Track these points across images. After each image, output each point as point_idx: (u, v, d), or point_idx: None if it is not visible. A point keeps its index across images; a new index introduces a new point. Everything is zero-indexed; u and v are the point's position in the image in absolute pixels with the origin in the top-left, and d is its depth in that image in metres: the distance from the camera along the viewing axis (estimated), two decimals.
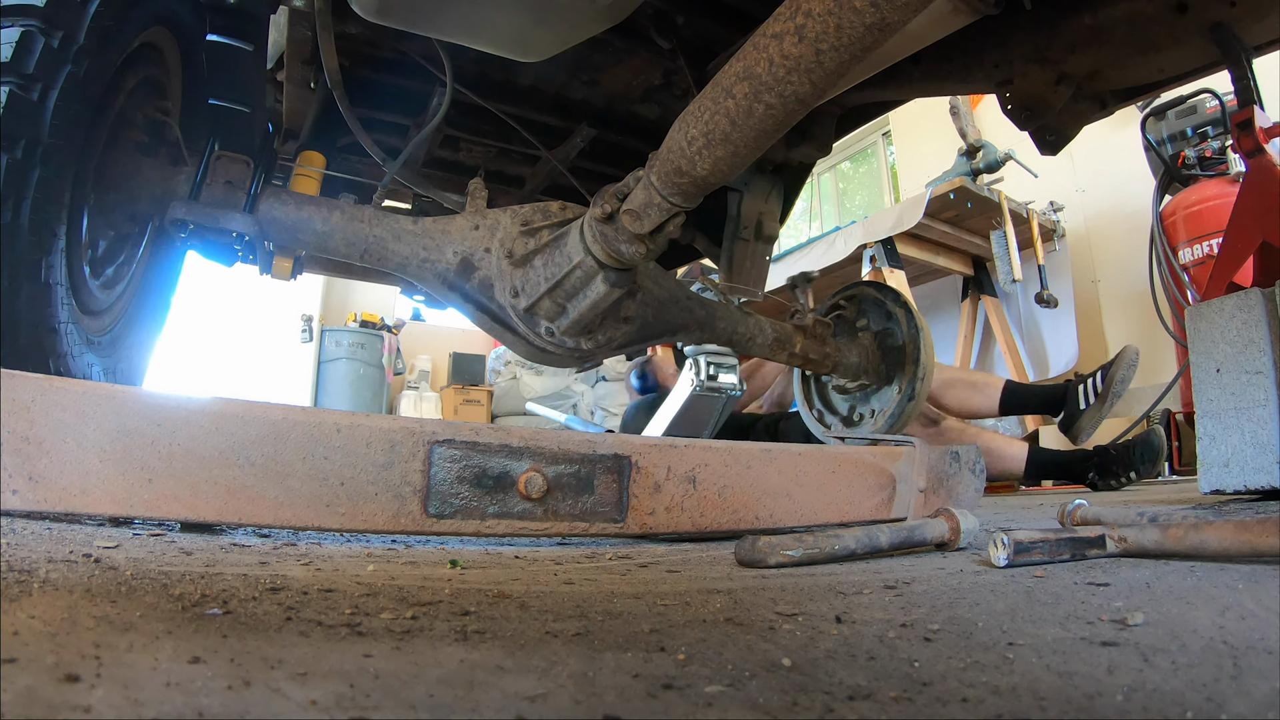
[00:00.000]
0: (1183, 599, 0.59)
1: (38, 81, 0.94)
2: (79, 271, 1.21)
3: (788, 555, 0.80)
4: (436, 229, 1.34)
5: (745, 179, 2.24)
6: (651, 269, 1.46)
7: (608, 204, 1.06)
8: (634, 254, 1.08)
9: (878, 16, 0.71)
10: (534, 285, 1.25)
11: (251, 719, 0.30)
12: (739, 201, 2.24)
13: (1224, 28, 1.27)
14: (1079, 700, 0.35)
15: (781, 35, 0.78)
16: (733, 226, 2.23)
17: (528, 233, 1.28)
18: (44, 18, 0.95)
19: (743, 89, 0.84)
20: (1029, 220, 3.87)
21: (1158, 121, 3.06)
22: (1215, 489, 1.26)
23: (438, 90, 1.74)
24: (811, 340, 1.78)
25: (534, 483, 0.97)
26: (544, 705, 0.34)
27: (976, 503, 1.37)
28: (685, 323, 1.52)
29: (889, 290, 1.94)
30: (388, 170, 1.56)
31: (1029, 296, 4.02)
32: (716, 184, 0.97)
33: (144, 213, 1.30)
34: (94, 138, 1.17)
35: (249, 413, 0.85)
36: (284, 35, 1.70)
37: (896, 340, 1.88)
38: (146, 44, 1.30)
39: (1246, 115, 1.37)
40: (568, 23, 1.23)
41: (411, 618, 0.52)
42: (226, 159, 1.33)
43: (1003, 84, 1.54)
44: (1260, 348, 1.23)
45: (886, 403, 1.88)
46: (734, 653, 0.44)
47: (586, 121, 1.97)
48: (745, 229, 2.24)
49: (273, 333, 6.22)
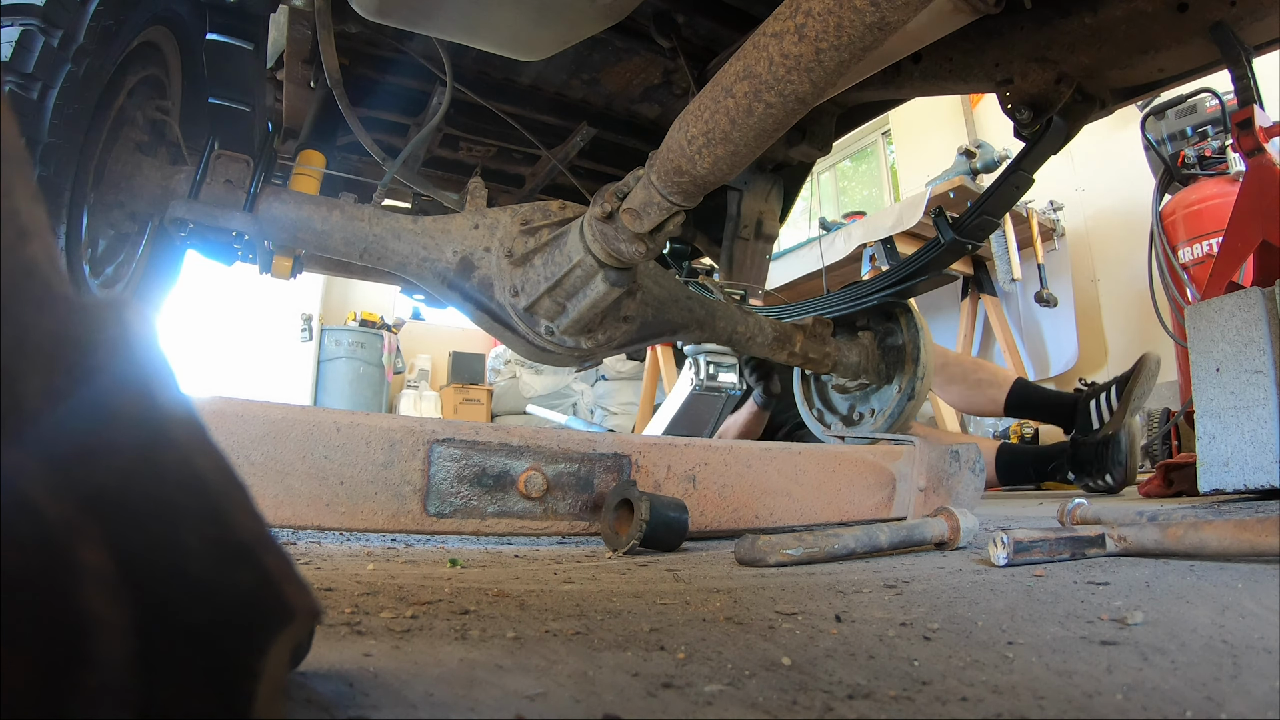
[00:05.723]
0: (1182, 598, 0.59)
1: (37, 80, 0.94)
2: (78, 270, 1.21)
3: (787, 554, 0.80)
4: (436, 228, 1.34)
5: (745, 178, 2.24)
6: (651, 268, 1.46)
7: (608, 203, 1.06)
8: (634, 253, 1.08)
9: (878, 15, 0.71)
10: (534, 284, 1.24)
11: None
12: (739, 200, 2.24)
13: (1224, 27, 1.27)
14: (1078, 699, 0.35)
15: (781, 34, 0.78)
16: (733, 225, 2.23)
17: (527, 232, 1.28)
18: (44, 17, 0.95)
19: (743, 88, 0.84)
20: (1028, 219, 3.87)
21: (1157, 121, 3.05)
22: (1215, 488, 1.26)
23: (437, 89, 1.75)
24: (811, 339, 1.77)
25: (534, 482, 0.97)
26: (543, 704, 0.34)
27: (976, 502, 1.38)
28: (685, 322, 1.52)
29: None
30: (387, 170, 1.55)
31: (1029, 296, 4.02)
32: (716, 183, 0.97)
33: (144, 212, 1.30)
34: (94, 137, 1.16)
35: (248, 412, 0.85)
36: (284, 34, 1.70)
37: (897, 340, 1.88)
38: (146, 43, 1.30)
39: (1247, 114, 1.37)
40: (568, 22, 1.22)
41: (411, 617, 0.52)
42: (226, 158, 1.33)
43: (1003, 83, 1.54)
44: (1260, 346, 1.23)
45: (886, 402, 1.88)
46: (733, 652, 0.44)
47: (586, 121, 1.97)
48: (745, 228, 2.24)
49: (272, 332, 6.21)
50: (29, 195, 0.24)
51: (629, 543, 0.90)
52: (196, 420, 0.23)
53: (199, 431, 0.23)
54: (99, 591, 0.19)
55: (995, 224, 1.67)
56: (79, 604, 0.19)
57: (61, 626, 0.19)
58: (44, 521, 0.19)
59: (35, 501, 0.19)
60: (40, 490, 0.20)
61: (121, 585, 0.20)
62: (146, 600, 0.20)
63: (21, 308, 0.22)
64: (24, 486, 0.19)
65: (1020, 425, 3.45)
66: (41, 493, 0.20)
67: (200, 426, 0.23)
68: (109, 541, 0.20)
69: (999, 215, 1.67)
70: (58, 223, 1.06)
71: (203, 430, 0.23)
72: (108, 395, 0.22)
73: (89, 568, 0.20)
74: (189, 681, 0.20)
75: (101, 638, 0.19)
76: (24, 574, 0.18)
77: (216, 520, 0.22)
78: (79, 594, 0.19)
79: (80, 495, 0.20)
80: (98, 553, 0.20)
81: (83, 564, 0.19)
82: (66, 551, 0.19)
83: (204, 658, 0.21)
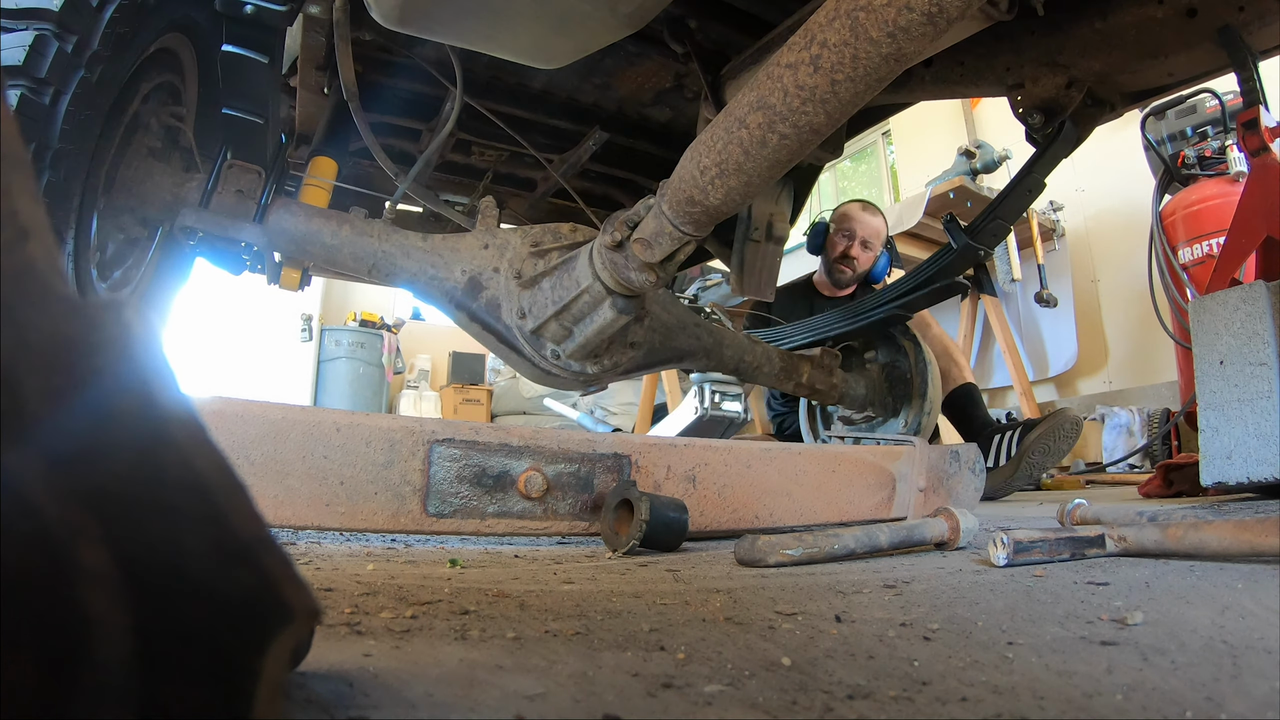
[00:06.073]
0: (1182, 598, 0.59)
1: (49, 85, 0.94)
2: (86, 274, 1.21)
3: (787, 554, 0.80)
4: (446, 247, 1.34)
5: None
6: (660, 294, 1.46)
7: (618, 231, 1.04)
8: (643, 282, 1.07)
9: (894, 47, 0.70)
10: (541, 307, 1.24)
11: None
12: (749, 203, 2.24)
13: (1232, 31, 1.28)
14: (1078, 699, 0.35)
15: (796, 65, 0.77)
16: (743, 228, 2.22)
17: (537, 254, 1.28)
18: (58, 22, 0.94)
19: (757, 119, 0.83)
20: (1028, 219, 3.87)
21: (1157, 121, 3.06)
22: (1217, 481, 1.26)
23: (449, 94, 1.74)
24: (819, 370, 1.77)
25: (534, 482, 0.97)
26: (543, 704, 0.34)
27: (976, 502, 1.38)
28: (692, 349, 1.51)
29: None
30: (399, 184, 1.55)
31: (1028, 296, 4.02)
32: (729, 213, 0.96)
33: (154, 218, 1.30)
34: (106, 142, 1.16)
35: (248, 412, 0.85)
36: (298, 41, 1.70)
37: (903, 372, 1.88)
38: (163, 49, 1.30)
39: (1253, 115, 1.38)
40: (588, 31, 1.22)
41: (411, 617, 0.52)
42: (238, 168, 1.33)
43: (1014, 87, 1.54)
44: (1264, 340, 1.23)
45: (892, 435, 1.89)
46: (733, 652, 0.44)
47: (598, 125, 1.97)
48: (756, 230, 2.23)
49: (272, 332, 6.21)
50: (29, 195, 0.24)
51: (629, 543, 0.90)
52: (196, 420, 0.23)
53: (199, 432, 0.23)
54: (99, 591, 0.19)
55: (1008, 229, 1.67)
56: (79, 604, 0.19)
57: (61, 626, 0.19)
58: (44, 521, 0.19)
59: (35, 501, 0.19)
60: (40, 490, 0.20)
61: (121, 585, 0.20)
62: (146, 600, 0.20)
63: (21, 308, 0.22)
64: (24, 486, 0.19)
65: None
66: (42, 493, 0.20)
67: (200, 427, 0.23)
68: (109, 541, 0.20)
69: (1012, 220, 1.67)
70: (66, 226, 1.06)
71: (203, 430, 0.23)
72: (108, 395, 0.22)
73: (89, 568, 0.20)
74: (189, 681, 0.20)
75: (101, 638, 0.19)
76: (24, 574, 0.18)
77: (216, 520, 0.22)
78: (79, 594, 0.19)
79: (80, 495, 0.20)
80: (98, 553, 0.20)
81: (83, 564, 0.19)
82: (67, 551, 0.19)
83: (204, 658, 0.21)
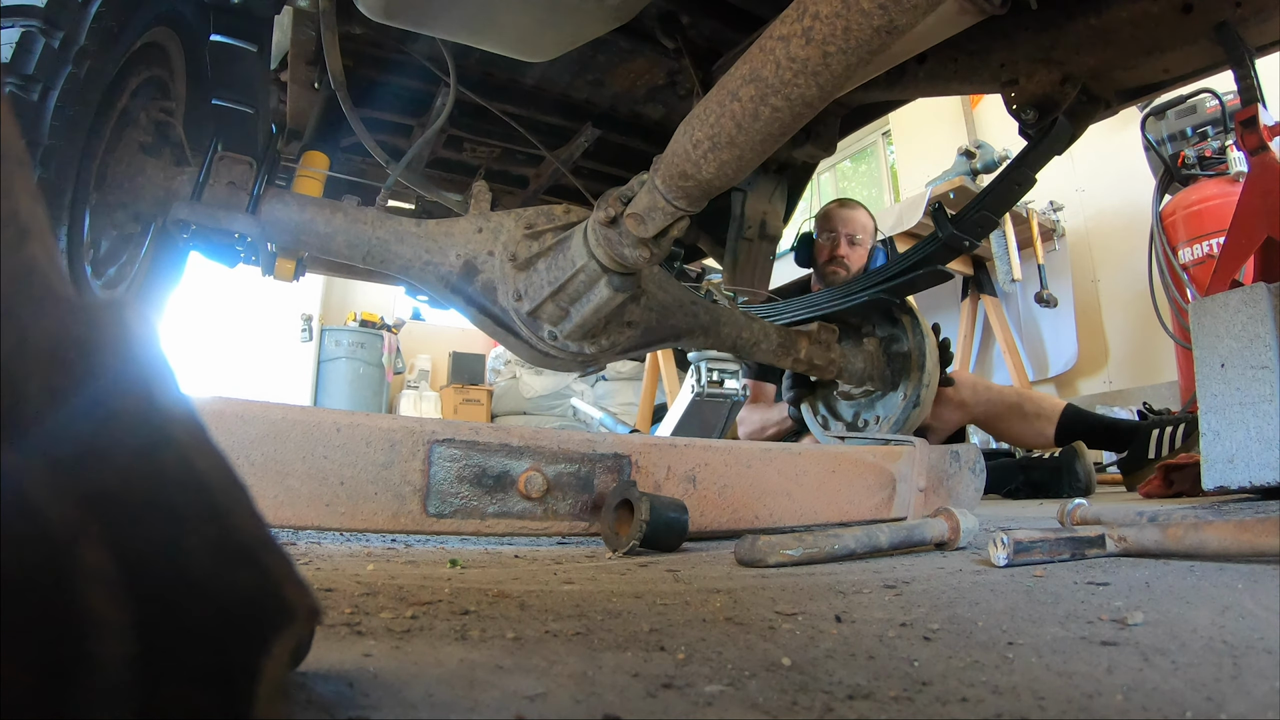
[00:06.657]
0: (1182, 598, 0.59)
1: (37, 82, 0.94)
2: (80, 271, 1.21)
3: (787, 555, 0.80)
4: (440, 231, 1.34)
5: (749, 179, 2.23)
6: (656, 273, 1.46)
7: (611, 208, 1.05)
8: (638, 258, 1.07)
9: (886, 19, 0.71)
10: (537, 289, 1.24)
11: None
12: (743, 201, 2.23)
13: (1229, 28, 1.27)
14: (1079, 700, 0.35)
15: (788, 38, 0.78)
16: (737, 226, 2.22)
17: (531, 236, 1.28)
18: (44, 18, 0.94)
19: (749, 91, 0.83)
20: (1028, 220, 3.87)
21: (1157, 121, 3.05)
22: (1219, 485, 1.25)
23: (441, 90, 1.74)
24: (816, 345, 1.77)
25: (534, 482, 0.97)
26: (543, 704, 0.34)
27: (976, 502, 1.38)
28: (689, 328, 1.51)
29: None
30: (391, 172, 1.55)
31: (1028, 296, 4.01)
32: (722, 188, 0.96)
33: (147, 212, 1.30)
34: (96, 138, 1.16)
35: (248, 412, 0.85)
36: (288, 35, 1.70)
37: (902, 346, 1.88)
38: (150, 44, 1.30)
39: (1251, 113, 1.37)
40: (575, 23, 1.22)
41: (411, 617, 0.52)
42: (230, 160, 1.33)
43: (1008, 84, 1.54)
44: (1266, 342, 1.22)
45: (892, 409, 1.89)
46: (734, 652, 0.44)
47: (591, 121, 1.97)
48: (749, 228, 2.23)
49: (272, 332, 6.21)
50: (29, 195, 0.24)
51: (629, 543, 0.90)
52: (197, 420, 0.23)
53: (199, 432, 0.23)
54: (99, 591, 0.19)
55: (995, 222, 1.66)
56: (79, 604, 0.19)
57: (62, 626, 0.19)
58: (45, 521, 0.19)
59: (36, 501, 0.19)
60: (41, 490, 0.20)
61: (122, 585, 0.20)
62: (147, 600, 0.20)
63: (22, 308, 0.22)
64: (25, 486, 0.19)
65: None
66: (42, 493, 0.20)
67: (200, 427, 0.23)
68: (109, 541, 0.20)
69: (999, 213, 1.66)
70: (59, 224, 1.06)
71: (203, 430, 0.23)
72: (108, 395, 0.22)
73: (89, 568, 0.20)
74: (190, 681, 0.20)
75: (102, 638, 0.19)
76: (24, 574, 0.18)
77: (217, 520, 0.22)
78: (80, 594, 0.19)
79: (81, 495, 0.20)
80: (98, 553, 0.20)
81: (83, 564, 0.19)
82: (67, 551, 0.19)
83: (204, 658, 0.21)
